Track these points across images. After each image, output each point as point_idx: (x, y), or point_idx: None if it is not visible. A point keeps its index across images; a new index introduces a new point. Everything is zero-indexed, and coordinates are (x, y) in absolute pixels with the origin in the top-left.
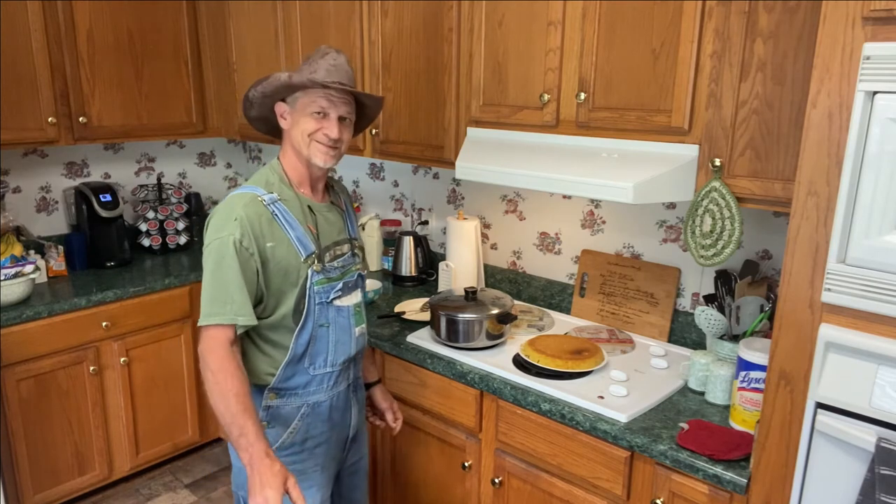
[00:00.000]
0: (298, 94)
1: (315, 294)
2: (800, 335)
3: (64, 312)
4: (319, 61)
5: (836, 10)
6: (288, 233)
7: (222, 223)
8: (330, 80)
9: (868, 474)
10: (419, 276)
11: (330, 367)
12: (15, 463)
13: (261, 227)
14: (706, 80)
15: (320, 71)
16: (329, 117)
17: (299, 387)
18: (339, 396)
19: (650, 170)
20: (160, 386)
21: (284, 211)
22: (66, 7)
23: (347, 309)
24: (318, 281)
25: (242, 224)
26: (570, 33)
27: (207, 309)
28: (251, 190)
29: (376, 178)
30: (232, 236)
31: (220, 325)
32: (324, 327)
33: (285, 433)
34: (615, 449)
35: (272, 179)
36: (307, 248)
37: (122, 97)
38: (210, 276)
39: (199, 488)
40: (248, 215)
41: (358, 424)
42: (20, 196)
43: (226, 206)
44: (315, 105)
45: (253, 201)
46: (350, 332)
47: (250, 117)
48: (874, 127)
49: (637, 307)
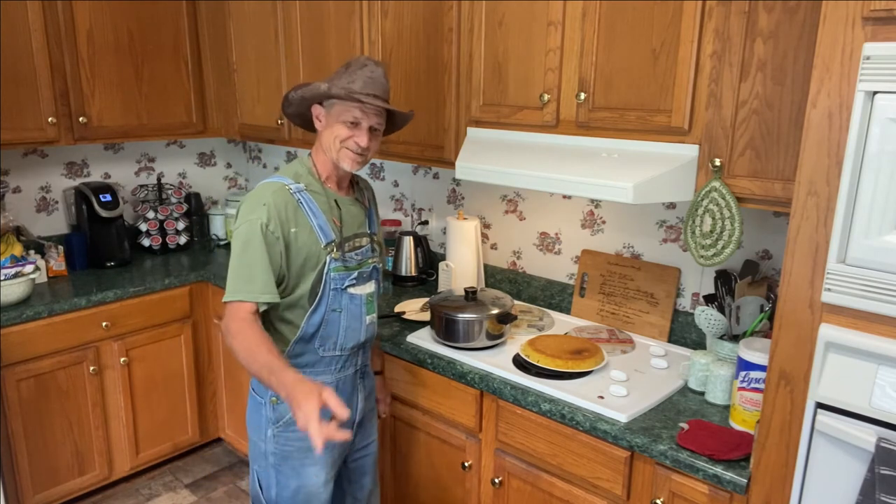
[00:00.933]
0: (335, 101)
1: (331, 280)
2: (800, 335)
3: (64, 312)
4: (358, 72)
5: (836, 10)
6: (311, 220)
7: (252, 208)
8: (366, 91)
9: (868, 474)
10: (419, 276)
11: (339, 350)
12: (15, 463)
13: (286, 213)
14: (706, 80)
15: (358, 82)
16: (360, 126)
17: (308, 365)
18: (345, 380)
19: (650, 170)
20: (160, 386)
21: (309, 200)
22: (66, 7)
23: (360, 297)
24: (336, 268)
25: (270, 210)
26: (570, 33)
27: (232, 286)
28: (280, 180)
29: (376, 178)
30: (260, 220)
31: (243, 301)
32: (336, 312)
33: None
34: (615, 449)
35: (301, 172)
36: (328, 236)
37: (122, 97)
38: (237, 256)
39: (199, 488)
40: (275, 202)
41: (364, 410)
42: (20, 196)
43: (256, 193)
44: (349, 115)
45: (281, 189)
46: (361, 320)
47: (287, 114)
48: (874, 127)
49: (637, 307)
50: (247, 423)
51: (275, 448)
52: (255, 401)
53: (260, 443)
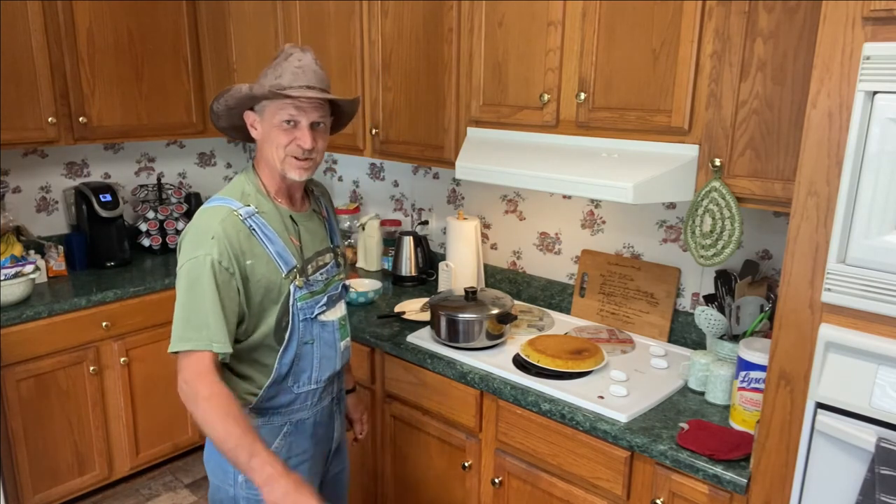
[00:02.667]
0: (265, 102)
1: (299, 311)
2: (800, 335)
3: (64, 312)
4: (283, 64)
5: (836, 10)
6: (267, 248)
7: (198, 241)
8: (296, 84)
9: (868, 474)
10: (419, 276)
11: (314, 384)
12: (15, 463)
13: (239, 243)
14: (706, 80)
15: (285, 75)
16: (300, 126)
17: (282, 406)
18: (322, 412)
19: (650, 170)
20: (160, 386)
21: (263, 224)
22: (66, 7)
23: (332, 323)
24: (302, 296)
25: (220, 242)
26: (570, 33)
27: (180, 333)
28: (225, 203)
29: (376, 178)
30: (210, 256)
31: (196, 350)
32: (308, 344)
33: None
34: (615, 449)
35: (248, 190)
36: (288, 263)
37: (122, 97)
38: (184, 299)
39: (199, 488)
40: (225, 232)
41: (340, 437)
42: (20, 196)
43: (200, 223)
44: (283, 114)
45: (230, 216)
46: (335, 347)
47: (220, 128)
48: (874, 127)
49: (637, 307)
50: (206, 465)
51: (247, 494)
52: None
53: (227, 487)
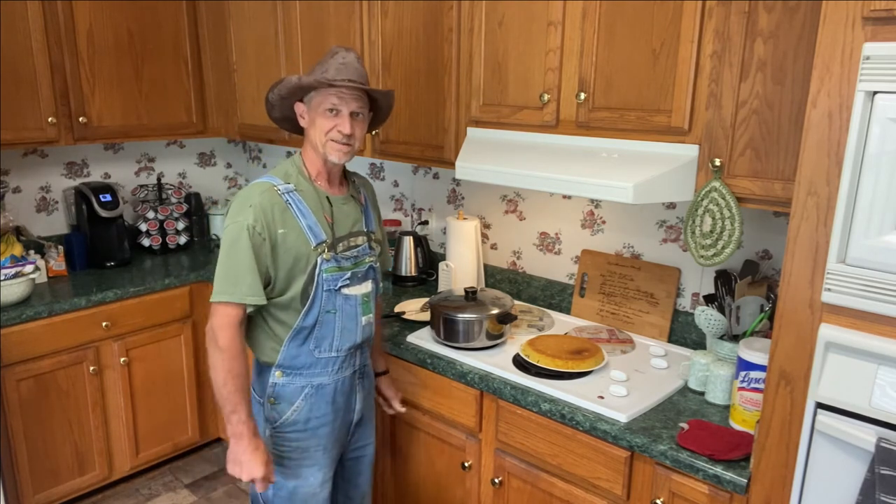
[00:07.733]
0: (313, 93)
1: (323, 281)
2: (800, 335)
3: (64, 312)
4: (329, 61)
5: (836, 10)
6: (300, 221)
7: (239, 209)
8: (339, 77)
9: (868, 474)
10: (419, 276)
11: (335, 352)
12: (15, 463)
13: (273, 214)
14: (706, 80)
15: (330, 70)
16: (341, 114)
17: (304, 367)
18: (343, 381)
19: (650, 170)
20: (160, 386)
21: (298, 200)
22: (66, 7)
23: (355, 298)
24: (328, 269)
25: (256, 211)
26: (570, 33)
27: (219, 287)
28: (269, 180)
29: (376, 178)
30: (246, 221)
31: (230, 303)
32: (330, 313)
33: (289, 410)
34: (615, 449)
35: (291, 171)
36: (318, 237)
37: (122, 97)
38: (224, 257)
39: (199, 488)
40: (262, 203)
41: (363, 410)
42: (20, 196)
43: (244, 194)
44: (327, 102)
45: (269, 190)
46: (356, 321)
47: (274, 118)
48: (874, 127)
49: (637, 307)
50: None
51: (272, 448)
52: (252, 400)
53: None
